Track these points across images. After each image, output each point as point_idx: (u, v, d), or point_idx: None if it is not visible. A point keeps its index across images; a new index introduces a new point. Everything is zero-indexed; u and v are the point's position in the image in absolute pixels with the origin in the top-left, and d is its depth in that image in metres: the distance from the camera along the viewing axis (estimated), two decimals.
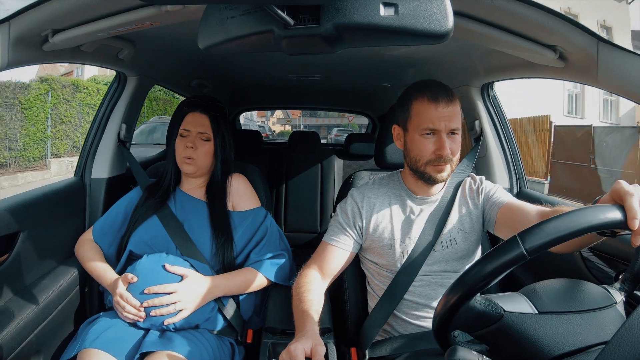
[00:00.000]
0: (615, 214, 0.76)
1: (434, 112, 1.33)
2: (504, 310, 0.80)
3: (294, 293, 1.38)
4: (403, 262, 1.40)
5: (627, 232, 0.81)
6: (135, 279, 1.44)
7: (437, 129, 1.33)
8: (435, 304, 1.40)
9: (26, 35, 1.21)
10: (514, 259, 0.73)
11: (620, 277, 0.91)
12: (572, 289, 0.86)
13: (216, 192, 1.68)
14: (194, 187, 1.72)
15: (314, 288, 1.37)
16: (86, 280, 1.71)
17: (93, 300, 1.77)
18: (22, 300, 1.46)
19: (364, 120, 5.16)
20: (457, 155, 1.38)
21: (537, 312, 0.80)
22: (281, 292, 1.56)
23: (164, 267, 1.45)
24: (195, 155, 1.62)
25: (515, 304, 0.82)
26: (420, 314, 1.41)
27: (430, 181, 1.40)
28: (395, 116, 1.47)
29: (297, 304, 1.32)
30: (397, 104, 1.45)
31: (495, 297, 0.83)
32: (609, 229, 0.80)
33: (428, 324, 1.40)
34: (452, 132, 1.35)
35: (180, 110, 1.70)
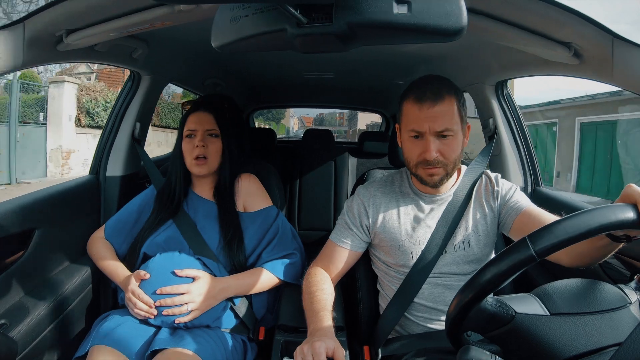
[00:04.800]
0: (627, 214, 0.75)
1: (417, 113, 1.28)
2: (515, 312, 0.80)
3: (305, 292, 1.37)
4: (414, 262, 1.38)
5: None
6: (148, 275, 1.45)
7: (421, 131, 1.28)
8: (442, 307, 1.38)
9: (40, 35, 1.22)
10: (523, 261, 0.73)
11: (635, 277, 0.89)
12: (585, 290, 0.85)
13: (225, 193, 1.67)
14: (204, 188, 1.72)
15: (325, 287, 1.36)
16: (100, 277, 1.73)
17: (107, 297, 1.79)
18: (37, 297, 1.48)
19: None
20: (454, 158, 1.31)
21: (548, 313, 0.80)
22: (294, 290, 1.56)
23: (174, 272, 1.46)
24: (207, 154, 1.62)
25: (527, 306, 0.81)
26: (428, 317, 1.40)
27: (425, 184, 1.36)
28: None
29: (309, 302, 1.31)
30: None
31: (506, 298, 0.83)
32: (621, 230, 0.79)
33: (435, 326, 1.39)
34: (442, 135, 1.28)
35: (184, 114, 1.70)
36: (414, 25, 0.78)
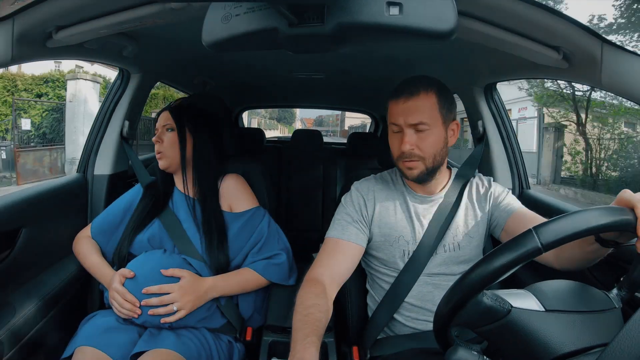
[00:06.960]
0: (630, 216, 0.77)
1: (395, 107, 1.34)
2: (512, 306, 0.80)
3: (300, 306, 1.18)
4: (406, 262, 1.39)
5: (629, 244, 0.82)
6: (132, 274, 1.44)
7: (397, 124, 1.33)
8: (430, 306, 1.37)
9: (30, 31, 1.21)
10: (528, 252, 0.73)
11: (617, 282, 0.90)
12: (575, 290, 0.85)
13: (206, 191, 1.66)
14: (183, 185, 1.71)
15: (322, 303, 1.20)
16: (87, 277, 1.71)
17: (94, 297, 1.77)
18: (23, 297, 1.46)
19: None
20: (432, 152, 1.33)
21: (543, 309, 0.80)
22: (282, 291, 1.56)
23: (159, 272, 1.44)
24: (162, 148, 1.64)
25: (523, 300, 0.81)
26: (415, 316, 1.40)
27: (407, 178, 1.39)
28: None
29: (300, 319, 1.14)
30: None
31: (501, 292, 0.83)
32: (623, 230, 0.80)
33: (422, 326, 1.39)
34: (417, 129, 1.31)
35: None
36: (405, 27, 0.78)
